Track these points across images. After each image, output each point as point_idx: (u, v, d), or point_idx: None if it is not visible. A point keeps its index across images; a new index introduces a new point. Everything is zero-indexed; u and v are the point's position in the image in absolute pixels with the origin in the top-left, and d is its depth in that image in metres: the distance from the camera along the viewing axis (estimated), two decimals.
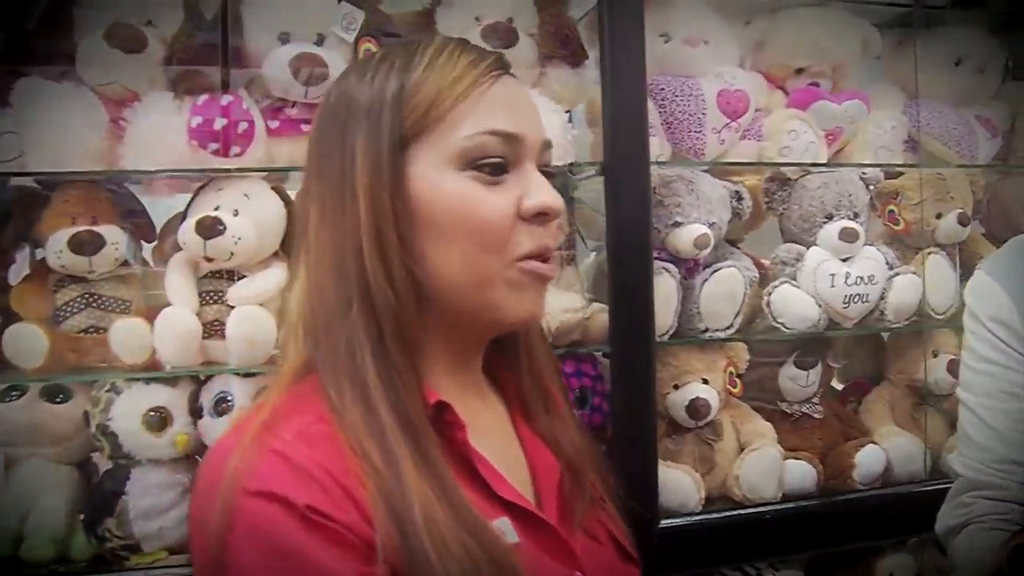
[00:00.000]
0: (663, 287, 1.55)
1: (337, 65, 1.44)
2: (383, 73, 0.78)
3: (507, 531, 0.72)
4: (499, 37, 1.48)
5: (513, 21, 1.54)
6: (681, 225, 1.58)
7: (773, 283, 1.67)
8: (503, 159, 0.76)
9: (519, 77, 0.84)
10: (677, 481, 1.56)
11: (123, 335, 1.40)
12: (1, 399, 1.42)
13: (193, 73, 1.44)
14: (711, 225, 1.60)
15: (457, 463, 0.74)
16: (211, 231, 1.38)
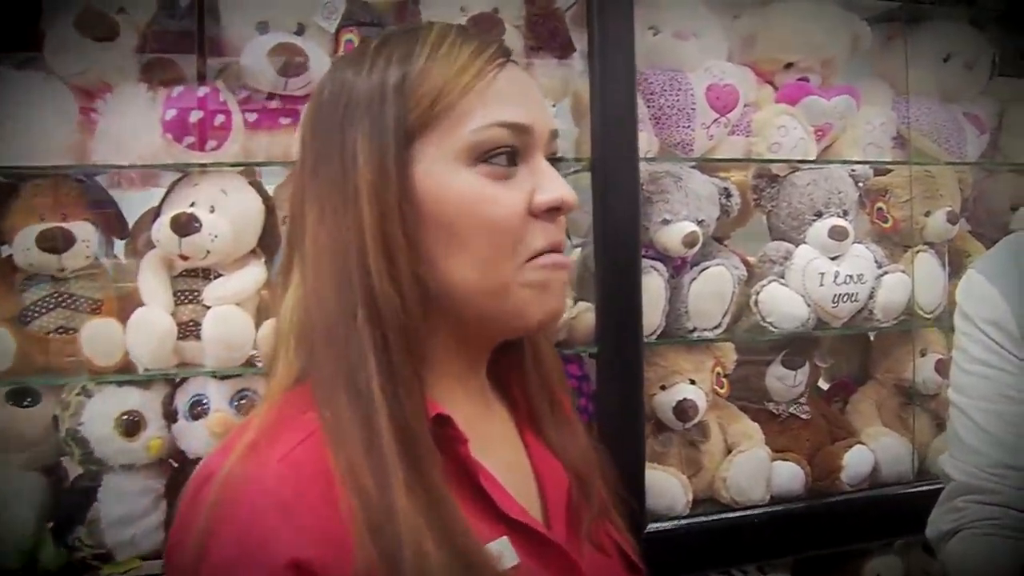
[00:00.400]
0: (651, 286, 1.52)
1: (317, 55, 1.40)
2: (382, 64, 0.73)
3: (506, 552, 0.69)
4: (484, 28, 1.44)
5: (499, 11, 1.49)
6: (670, 223, 1.55)
7: (761, 282, 1.64)
8: (511, 152, 0.72)
9: None
10: (664, 483, 1.54)
11: (94, 336, 1.35)
12: None
13: (167, 63, 1.39)
14: (700, 223, 1.57)
15: (460, 479, 0.70)
16: (187, 228, 1.34)
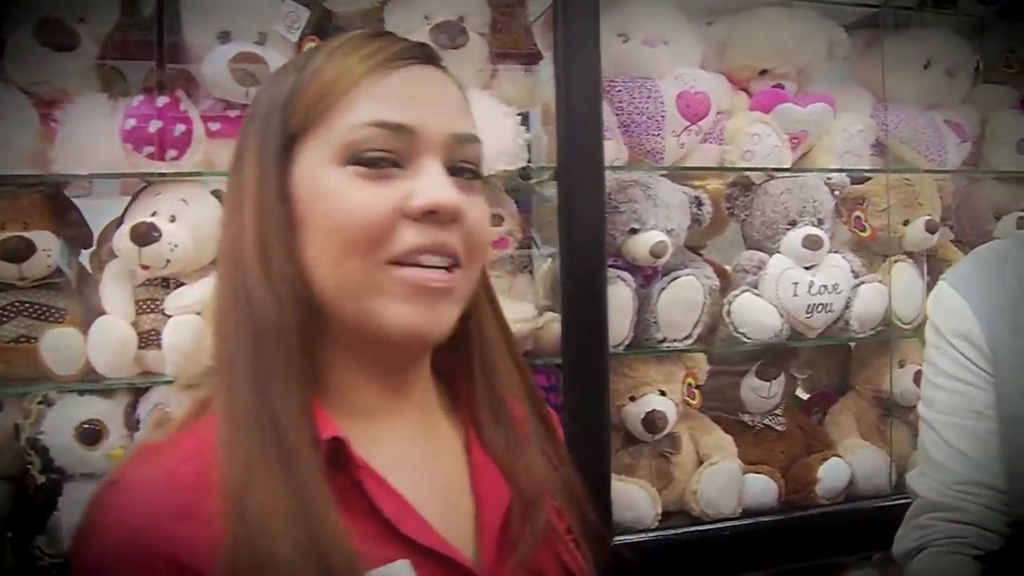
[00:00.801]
0: (618, 296, 1.50)
1: (279, 64, 1.38)
2: (288, 70, 0.73)
3: (403, 574, 0.66)
4: (448, 36, 1.43)
5: (465, 20, 1.48)
6: (638, 232, 1.54)
7: (734, 292, 1.62)
8: (391, 153, 0.69)
9: (468, 78, 0.78)
10: (632, 496, 1.52)
11: (54, 345, 1.35)
12: None
13: (127, 73, 1.39)
14: (669, 232, 1.56)
15: (360, 500, 0.67)
16: (145, 238, 1.34)
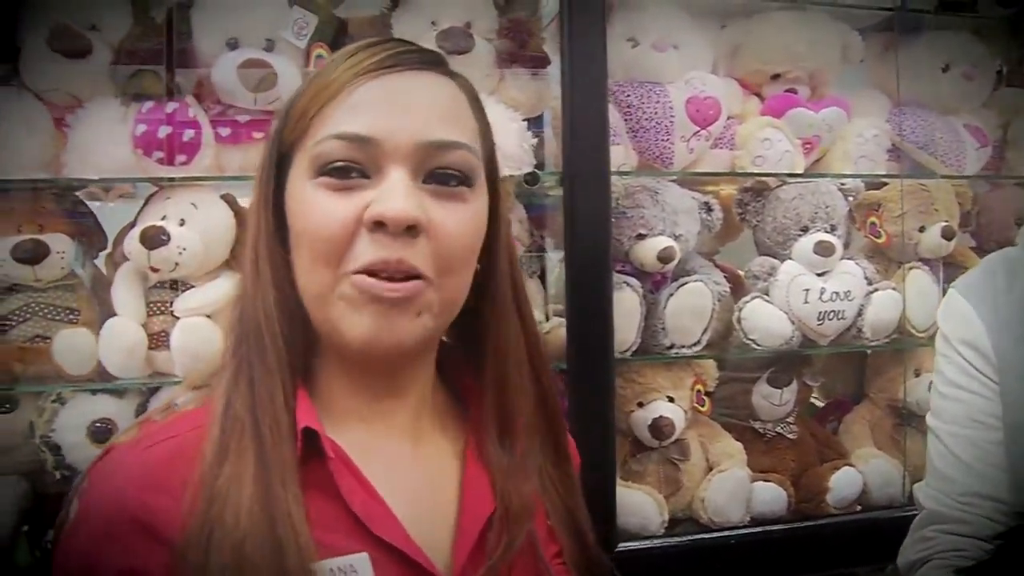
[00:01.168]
0: (625, 302, 1.50)
1: (287, 71, 1.41)
2: (302, 83, 0.77)
3: (360, 566, 0.67)
4: (455, 42, 1.44)
5: (471, 25, 1.49)
6: (645, 237, 1.53)
7: (744, 298, 1.61)
8: (353, 164, 0.70)
9: (475, 83, 0.78)
10: (637, 502, 1.51)
11: (67, 345, 1.38)
12: None
13: (139, 79, 1.41)
14: (677, 237, 1.55)
15: (334, 492, 0.70)
16: (154, 241, 1.36)
